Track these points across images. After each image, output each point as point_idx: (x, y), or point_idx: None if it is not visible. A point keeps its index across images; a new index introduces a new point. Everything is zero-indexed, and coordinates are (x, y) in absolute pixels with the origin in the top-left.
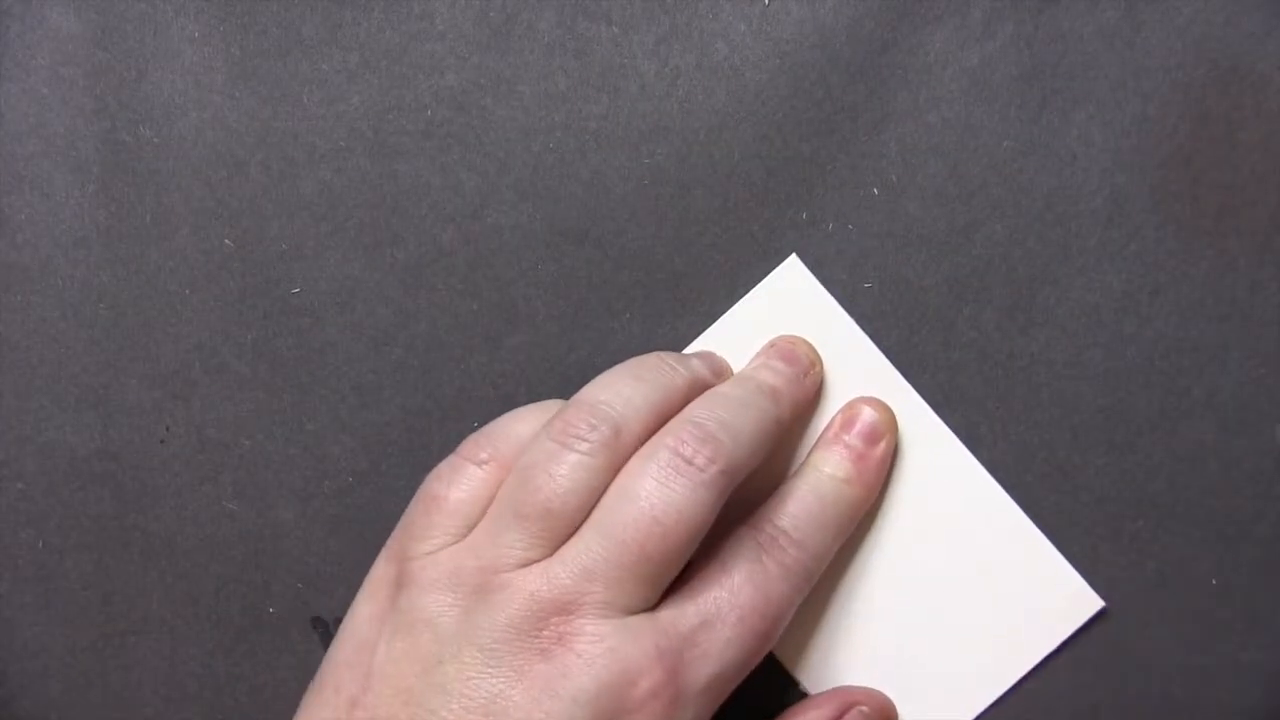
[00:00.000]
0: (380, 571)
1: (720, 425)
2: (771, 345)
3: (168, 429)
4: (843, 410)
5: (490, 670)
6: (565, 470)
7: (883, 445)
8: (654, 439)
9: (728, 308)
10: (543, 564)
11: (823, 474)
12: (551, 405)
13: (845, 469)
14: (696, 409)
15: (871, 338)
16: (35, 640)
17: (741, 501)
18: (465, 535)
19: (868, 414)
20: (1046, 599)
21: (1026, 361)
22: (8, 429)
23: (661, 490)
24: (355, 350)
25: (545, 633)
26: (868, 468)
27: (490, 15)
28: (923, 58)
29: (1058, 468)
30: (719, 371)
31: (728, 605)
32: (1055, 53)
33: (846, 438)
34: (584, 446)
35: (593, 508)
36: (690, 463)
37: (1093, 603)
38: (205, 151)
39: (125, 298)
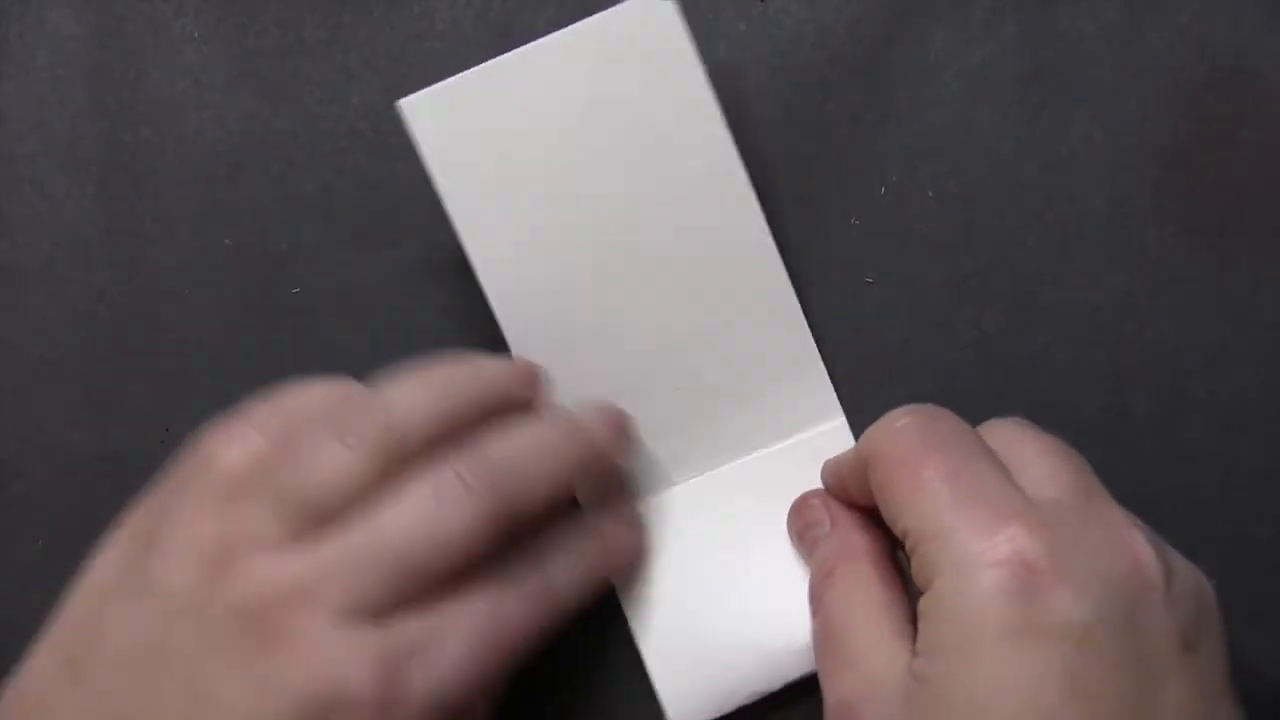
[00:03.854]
0: (132, 521)
1: (511, 469)
2: (608, 408)
3: (168, 429)
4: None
5: (207, 650)
6: (331, 463)
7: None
8: (440, 457)
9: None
10: (285, 553)
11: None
12: (346, 384)
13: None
14: (495, 444)
15: (871, 336)
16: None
17: None
18: (225, 503)
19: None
20: (794, 396)
21: (1027, 361)
22: (8, 429)
23: (435, 509)
24: (355, 350)
25: (268, 624)
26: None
27: (490, 15)
28: (923, 58)
29: None
30: (529, 383)
31: (462, 617)
32: (1055, 53)
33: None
34: (355, 443)
35: (355, 505)
36: (471, 492)
37: (835, 415)
38: (205, 151)
39: (125, 298)
